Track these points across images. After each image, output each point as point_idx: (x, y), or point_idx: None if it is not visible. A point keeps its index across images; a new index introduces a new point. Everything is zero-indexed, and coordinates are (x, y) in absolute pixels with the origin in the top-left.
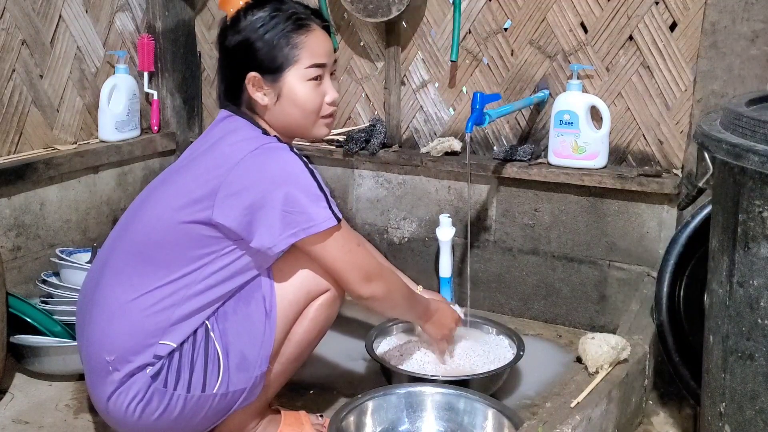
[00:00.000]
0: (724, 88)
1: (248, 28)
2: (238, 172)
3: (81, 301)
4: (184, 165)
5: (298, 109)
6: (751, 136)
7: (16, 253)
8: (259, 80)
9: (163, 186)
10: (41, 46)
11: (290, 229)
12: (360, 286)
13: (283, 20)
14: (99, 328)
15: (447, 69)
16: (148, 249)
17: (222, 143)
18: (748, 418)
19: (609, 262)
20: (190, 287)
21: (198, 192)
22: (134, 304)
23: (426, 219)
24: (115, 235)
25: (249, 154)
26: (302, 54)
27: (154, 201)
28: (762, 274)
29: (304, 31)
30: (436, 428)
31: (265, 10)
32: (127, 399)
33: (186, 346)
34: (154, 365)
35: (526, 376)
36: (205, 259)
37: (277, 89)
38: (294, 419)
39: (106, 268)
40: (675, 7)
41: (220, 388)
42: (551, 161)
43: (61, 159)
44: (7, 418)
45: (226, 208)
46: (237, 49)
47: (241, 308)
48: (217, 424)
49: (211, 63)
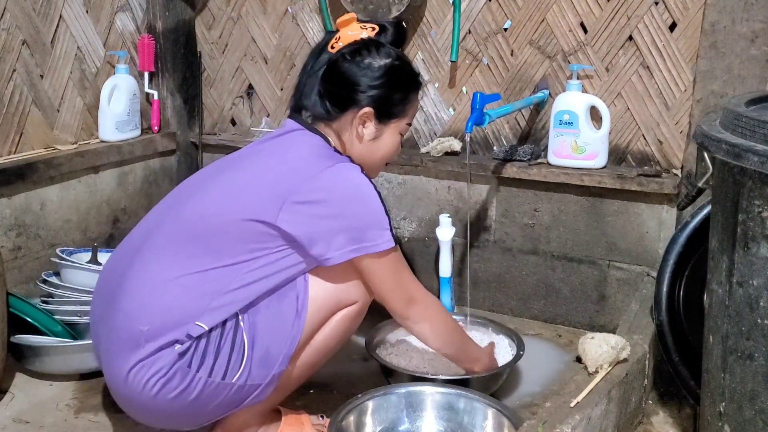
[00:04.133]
0: (723, 88)
1: (377, 69)
2: (312, 183)
3: (109, 274)
4: (247, 163)
5: (382, 153)
6: (751, 136)
7: (17, 253)
8: (370, 117)
9: (221, 179)
10: (42, 47)
11: (352, 245)
12: (404, 309)
13: (410, 77)
14: (137, 299)
15: (447, 69)
16: (201, 233)
17: (293, 154)
18: (747, 417)
19: (609, 262)
20: (236, 277)
21: (265, 194)
22: (179, 282)
23: (426, 219)
24: (157, 217)
25: (326, 169)
26: (409, 112)
27: (212, 192)
28: (761, 274)
29: (417, 91)
30: (436, 428)
31: (395, 60)
32: (150, 372)
33: (214, 333)
34: (184, 344)
35: (526, 376)
36: (256, 253)
37: (379, 131)
38: (294, 419)
39: (147, 244)
40: (675, 7)
41: (239, 379)
42: (551, 161)
43: (61, 159)
44: (8, 417)
45: (293, 214)
46: (357, 81)
47: (274, 304)
48: (223, 416)
49: (212, 63)
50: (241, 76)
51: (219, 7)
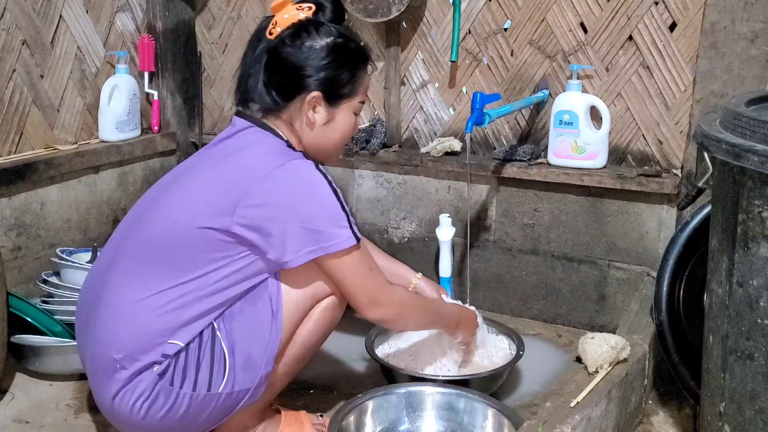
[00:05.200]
0: (723, 88)
1: (319, 50)
2: (263, 185)
3: (83, 300)
4: (199, 168)
5: (338, 136)
6: (751, 136)
7: (17, 253)
8: (319, 101)
9: (176, 187)
10: (42, 47)
11: (309, 246)
12: (367, 310)
13: (354, 53)
14: (107, 327)
15: (447, 69)
16: (160, 250)
17: (245, 154)
18: (747, 417)
19: (609, 261)
20: (202, 289)
21: (217, 199)
22: (145, 304)
23: (426, 219)
24: (122, 235)
25: (276, 169)
26: (360, 89)
27: (167, 203)
28: (761, 274)
29: (365, 67)
30: (436, 428)
31: (337, 37)
32: (134, 397)
33: (192, 345)
34: (161, 363)
35: (526, 376)
36: (219, 262)
37: (331, 114)
38: (294, 419)
39: (113, 267)
40: (675, 7)
41: (225, 388)
42: (551, 161)
43: (61, 159)
44: (8, 417)
45: (246, 219)
46: (300, 65)
47: (248, 308)
48: (220, 423)
49: (212, 63)
50: None
51: (219, 7)
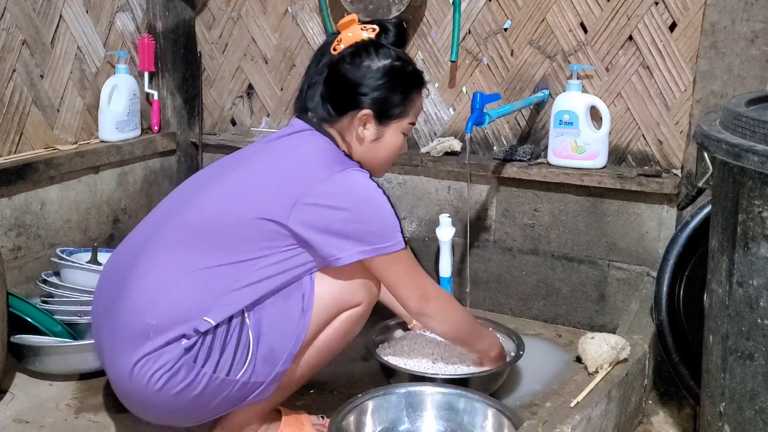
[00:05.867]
0: (723, 88)
1: (375, 70)
2: (324, 186)
3: (114, 270)
4: (256, 160)
5: (386, 154)
6: (751, 136)
7: (17, 253)
8: (369, 118)
9: (230, 176)
10: (42, 47)
11: (363, 246)
12: (417, 303)
13: (409, 77)
14: (145, 294)
15: (447, 69)
16: (210, 230)
17: (303, 155)
18: (747, 417)
19: (609, 261)
20: (245, 274)
21: (276, 193)
22: (188, 278)
23: (426, 219)
24: (164, 213)
25: (337, 174)
26: (411, 111)
27: (221, 189)
28: (762, 274)
29: (418, 90)
30: (436, 428)
31: (395, 60)
32: (155, 366)
33: (221, 328)
34: (190, 339)
35: (526, 376)
36: (265, 251)
37: (380, 132)
38: (294, 419)
39: (153, 240)
40: (675, 7)
41: (243, 376)
42: (551, 161)
43: (61, 159)
44: (8, 417)
45: (304, 215)
46: (356, 83)
47: (280, 302)
48: (224, 414)
49: (212, 63)
50: (241, 76)
51: (219, 7)
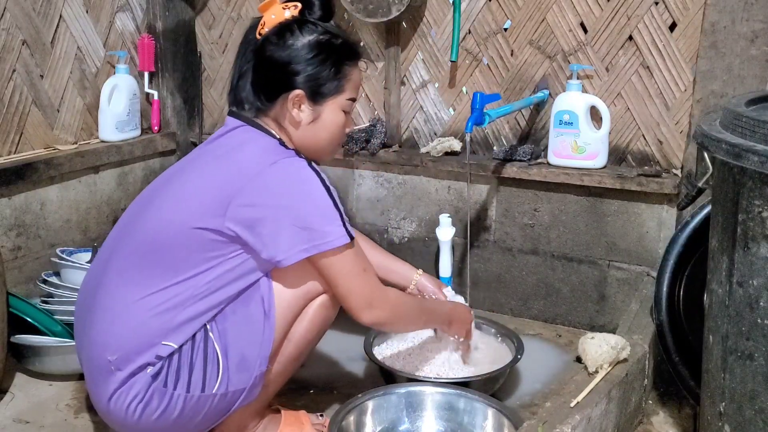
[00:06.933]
0: (723, 88)
1: (301, 48)
2: (255, 183)
3: (81, 302)
4: (192, 168)
5: (327, 135)
6: (751, 136)
7: (17, 253)
8: (302, 99)
9: (169, 188)
10: (42, 47)
11: (302, 245)
12: (360, 312)
13: (339, 49)
14: (102, 328)
15: (447, 69)
16: (154, 250)
17: (238, 153)
18: (747, 417)
19: (609, 261)
20: (197, 289)
21: (210, 199)
22: (139, 305)
23: (426, 219)
24: (117, 236)
25: (268, 167)
26: (347, 86)
27: (161, 203)
28: (762, 274)
29: (352, 63)
30: (436, 428)
31: (321, 34)
32: (128, 399)
33: (185, 347)
34: (155, 365)
35: (526, 376)
36: (212, 262)
37: (316, 112)
38: (294, 419)
39: (108, 268)
40: (675, 7)
41: (219, 388)
42: (551, 161)
43: (61, 159)
44: (8, 417)
45: (238, 217)
46: (283, 63)
47: (240, 309)
48: (217, 424)
49: (212, 63)
50: None
51: (219, 7)
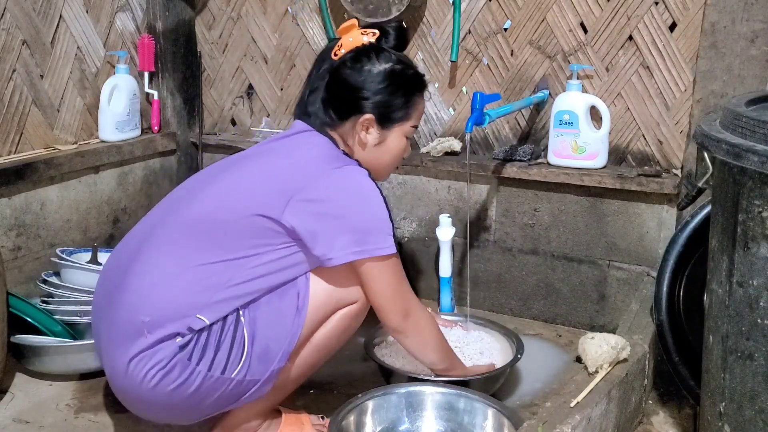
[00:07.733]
0: (723, 88)
1: (376, 74)
2: (319, 182)
3: (113, 267)
4: (255, 160)
5: (390, 158)
6: (751, 136)
7: (17, 253)
8: (372, 123)
9: (229, 174)
10: (42, 47)
11: (355, 247)
12: (395, 318)
13: (410, 80)
14: (140, 291)
15: (447, 69)
16: (206, 228)
17: (302, 153)
18: (747, 417)
19: (609, 261)
20: (240, 272)
21: (271, 190)
22: (183, 275)
23: (426, 219)
24: (160, 215)
25: (334, 170)
26: (413, 114)
27: (218, 188)
28: (762, 274)
29: (420, 94)
30: (436, 428)
31: (396, 63)
32: (150, 363)
33: (216, 326)
34: (185, 336)
35: (526, 376)
36: (260, 249)
37: (383, 136)
38: (295, 419)
39: (152, 239)
40: (675, 7)
41: (238, 374)
42: (551, 161)
43: (61, 159)
44: (8, 417)
45: (298, 211)
46: (357, 87)
47: (274, 301)
48: (222, 411)
49: (212, 63)
50: (241, 76)
51: (219, 7)
